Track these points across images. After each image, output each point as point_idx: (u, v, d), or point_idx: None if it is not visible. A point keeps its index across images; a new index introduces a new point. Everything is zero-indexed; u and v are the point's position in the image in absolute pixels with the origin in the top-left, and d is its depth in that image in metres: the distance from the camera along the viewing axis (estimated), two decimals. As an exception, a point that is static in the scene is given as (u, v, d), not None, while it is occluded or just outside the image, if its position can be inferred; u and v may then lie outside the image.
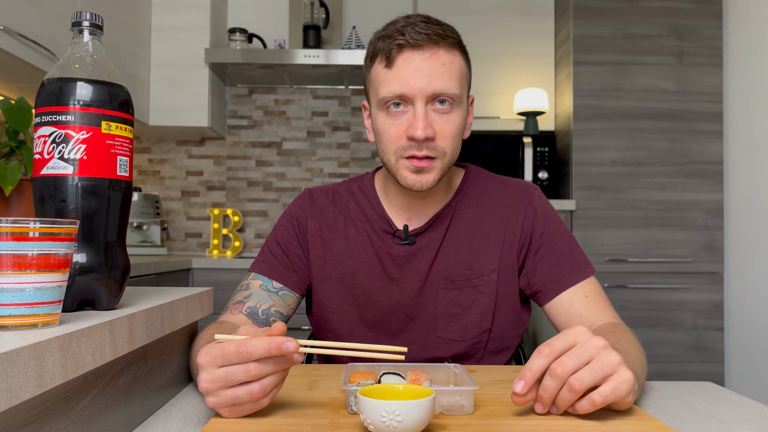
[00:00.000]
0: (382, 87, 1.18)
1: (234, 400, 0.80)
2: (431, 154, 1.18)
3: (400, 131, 1.18)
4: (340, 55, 3.37)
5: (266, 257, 1.34)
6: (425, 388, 0.80)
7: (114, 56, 2.92)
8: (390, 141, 1.20)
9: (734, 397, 1.04)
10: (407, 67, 1.16)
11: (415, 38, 1.15)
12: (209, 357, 0.80)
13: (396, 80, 1.16)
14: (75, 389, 0.68)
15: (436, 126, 1.17)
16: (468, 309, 1.30)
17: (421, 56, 1.16)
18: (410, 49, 1.16)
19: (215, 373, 0.79)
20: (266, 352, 0.77)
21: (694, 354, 3.09)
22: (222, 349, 0.79)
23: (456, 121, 1.20)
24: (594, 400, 0.80)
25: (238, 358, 0.77)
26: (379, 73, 1.20)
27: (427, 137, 1.15)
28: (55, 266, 0.67)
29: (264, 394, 0.80)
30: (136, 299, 0.93)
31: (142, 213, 3.46)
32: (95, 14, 0.84)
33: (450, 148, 1.20)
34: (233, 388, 0.79)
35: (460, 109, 1.21)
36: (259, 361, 0.78)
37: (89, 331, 0.67)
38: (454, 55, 1.19)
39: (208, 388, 0.80)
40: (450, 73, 1.17)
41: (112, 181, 0.82)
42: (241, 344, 0.77)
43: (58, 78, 0.80)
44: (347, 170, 3.86)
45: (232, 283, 3.01)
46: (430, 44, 1.16)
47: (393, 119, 1.19)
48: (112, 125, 0.81)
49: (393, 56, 1.16)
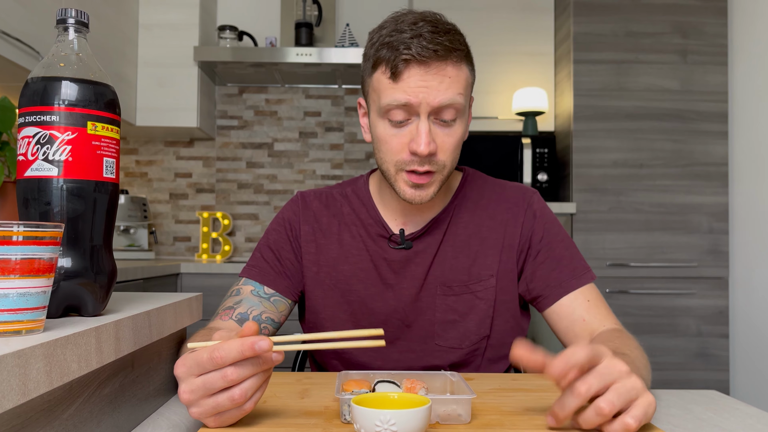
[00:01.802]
0: (385, 95, 1.17)
1: (216, 408, 0.79)
2: (432, 169, 1.18)
3: (402, 143, 1.18)
4: (333, 54, 3.38)
5: (258, 262, 1.33)
6: (421, 397, 0.80)
7: (100, 54, 2.91)
8: (390, 152, 1.20)
9: (740, 406, 1.05)
10: (414, 81, 1.15)
11: (422, 54, 1.13)
12: (185, 367, 0.79)
13: (401, 92, 1.15)
14: (60, 398, 0.68)
15: (438, 139, 1.17)
16: (466, 315, 1.30)
17: (427, 71, 1.14)
18: (417, 64, 1.14)
19: (193, 383, 0.79)
20: (240, 354, 0.77)
21: (698, 361, 3.10)
22: (196, 358, 0.78)
23: (458, 133, 1.20)
24: (629, 425, 0.79)
25: (213, 364, 0.77)
26: (382, 83, 1.18)
27: (430, 153, 1.16)
28: (40, 271, 0.67)
29: (246, 398, 0.79)
30: (123, 305, 0.93)
31: (129, 216, 3.45)
32: (81, 11, 0.84)
33: (450, 160, 1.21)
34: (214, 396, 0.79)
35: (463, 119, 1.21)
36: (236, 364, 0.78)
37: (74, 338, 0.67)
38: (460, 69, 1.18)
39: (188, 399, 0.79)
40: (456, 86, 1.16)
41: (98, 183, 0.82)
42: (213, 350, 0.77)
43: (43, 77, 0.80)
44: (340, 172, 3.87)
45: (221, 288, 3.01)
46: (437, 60, 1.14)
47: (395, 130, 1.18)
48: (98, 126, 0.81)
49: (399, 70, 1.15)
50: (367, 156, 3.87)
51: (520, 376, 1.21)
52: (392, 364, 1.31)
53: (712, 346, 3.10)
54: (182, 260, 3.48)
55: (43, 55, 2.30)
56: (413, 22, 1.17)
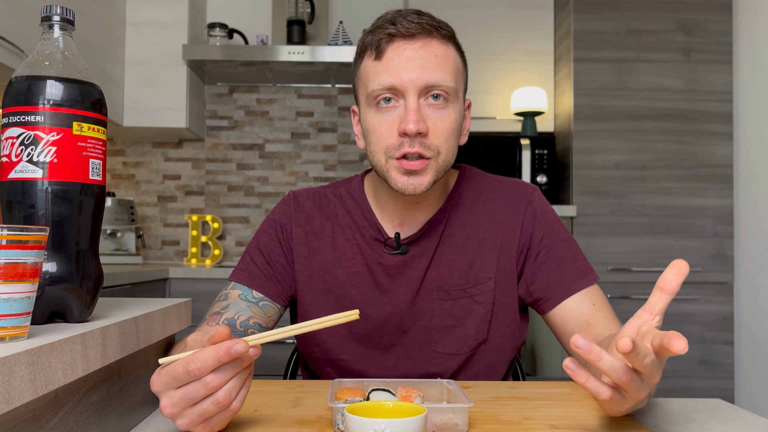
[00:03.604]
0: (372, 80, 1.18)
1: (203, 415, 0.79)
2: (424, 153, 1.16)
3: (391, 128, 1.17)
4: (326, 52, 3.38)
5: (247, 265, 1.33)
6: (417, 406, 0.81)
7: (86, 53, 2.91)
8: (380, 139, 1.19)
9: (745, 415, 1.05)
10: (398, 57, 1.16)
11: (406, 27, 1.15)
12: (161, 383, 0.79)
13: (386, 72, 1.16)
14: (44, 407, 0.68)
15: (430, 122, 1.16)
16: (464, 320, 1.30)
17: (412, 46, 1.16)
18: (401, 38, 1.16)
19: (174, 396, 0.78)
20: (217, 362, 0.76)
21: (703, 369, 3.10)
22: (171, 372, 0.78)
23: (451, 118, 1.19)
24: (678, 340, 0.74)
25: (190, 377, 0.77)
26: (368, 67, 1.19)
27: (419, 131, 1.14)
28: (24, 276, 0.67)
29: (231, 399, 0.79)
30: (110, 311, 0.93)
31: (115, 219, 3.45)
32: (66, 8, 0.84)
33: (445, 148, 1.19)
34: (198, 404, 0.78)
35: (456, 106, 1.20)
36: (216, 370, 0.77)
37: (60, 345, 0.67)
38: (448, 48, 1.19)
39: (172, 413, 0.79)
40: (444, 65, 1.17)
41: (84, 185, 0.82)
42: (188, 362, 0.76)
43: (27, 76, 0.80)
44: (334, 174, 3.87)
45: (211, 293, 2.99)
46: (422, 34, 1.16)
47: (383, 115, 1.18)
48: (84, 126, 0.82)
49: (383, 47, 1.16)
50: (360, 157, 3.87)
51: (518, 383, 1.21)
52: (388, 371, 1.31)
53: (716, 354, 3.11)
54: (171, 265, 3.48)
55: (27, 54, 2.30)
56: (399, 9, 1.21)
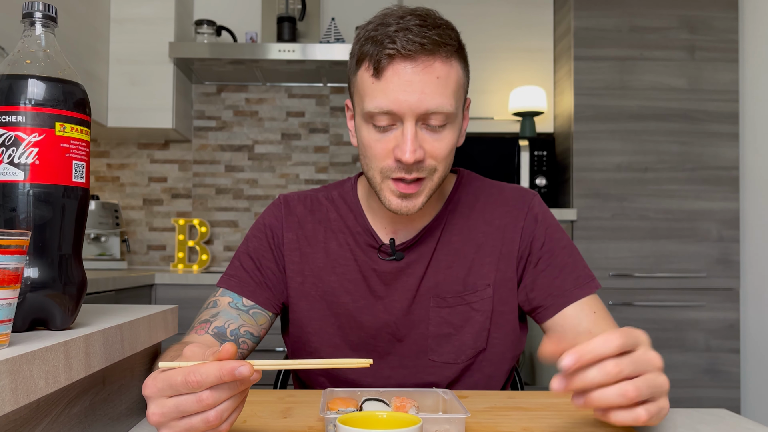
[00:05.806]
0: (368, 99, 1.16)
1: (189, 431, 0.78)
2: (420, 174, 1.17)
3: (387, 149, 1.16)
4: (318, 50, 3.38)
5: (236, 271, 1.33)
6: (411, 416, 0.81)
7: (69, 51, 2.91)
8: (375, 158, 1.18)
9: (751, 425, 1.05)
10: (397, 80, 1.12)
11: (407, 48, 1.11)
12: (155, 388, 0.78)
13: (384, 94, 1.13)
14: (26, 417, 0.68)
15: (427, 145, 1.15)
16: (461, 328, 1.30)
17: (413, 69, 1.12)
18: (401, 59, 1.12)
19: (165, 405, 0.77)
20: (218, 380, 0.75)
21: (708, 378, 3.11)
22: (168, 379, 0.77)
23: (448, 139, 1.17)
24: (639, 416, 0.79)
25: (188, 388, 0.76)
26: (365, 82, 1.17)
27: (416, 161, 1.14)
28: (5, 282, 0.67)
29: (221, 420, 0.78)
30: (94, 318, 0.93)
31: (99, 223, 3.44)
32: (48, 4, 0.84)
33: (442, 166, 1.19)
34: (186, 419, 0.77)
35: (454, 126, 1.18)
36: (213, 388, 0.76)
37: (42, 353, 0.67)
38: (451, 66, 1.15)
39: (158, 421, 0.78)
40: (445, 88, 1.14)
41: (66, 188, 0.82)
42: (189, 373, 0.75)
43: (8, 75, 0.80)
44: (326, 176, 3.87)
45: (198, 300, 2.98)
46: (424, 55, 1.12)
47: (379, 135, 1.17)
48: (67, 127, 0.82)
49: (382, 66, 1.13)
50: (353, 159, 3.88)
51: (517, 393, 1.21)
52: (383, 381, 1.31)
53: (722, 362, 3.12)
54: (157, 270, 3.47)
55: (8, 52, 2.29)
56: (401, 15, 1.15)
